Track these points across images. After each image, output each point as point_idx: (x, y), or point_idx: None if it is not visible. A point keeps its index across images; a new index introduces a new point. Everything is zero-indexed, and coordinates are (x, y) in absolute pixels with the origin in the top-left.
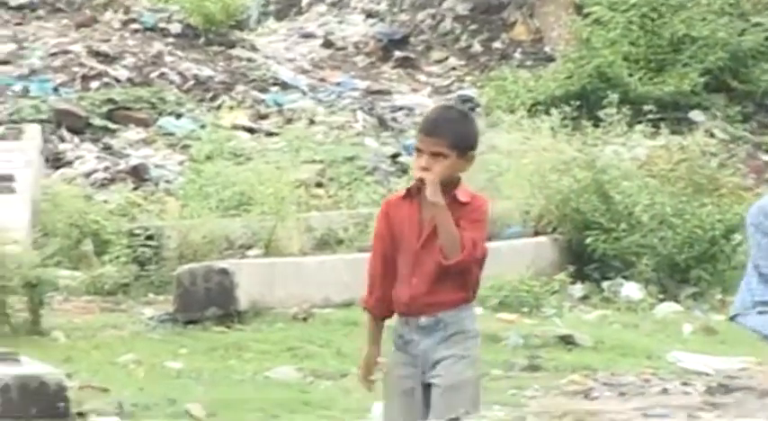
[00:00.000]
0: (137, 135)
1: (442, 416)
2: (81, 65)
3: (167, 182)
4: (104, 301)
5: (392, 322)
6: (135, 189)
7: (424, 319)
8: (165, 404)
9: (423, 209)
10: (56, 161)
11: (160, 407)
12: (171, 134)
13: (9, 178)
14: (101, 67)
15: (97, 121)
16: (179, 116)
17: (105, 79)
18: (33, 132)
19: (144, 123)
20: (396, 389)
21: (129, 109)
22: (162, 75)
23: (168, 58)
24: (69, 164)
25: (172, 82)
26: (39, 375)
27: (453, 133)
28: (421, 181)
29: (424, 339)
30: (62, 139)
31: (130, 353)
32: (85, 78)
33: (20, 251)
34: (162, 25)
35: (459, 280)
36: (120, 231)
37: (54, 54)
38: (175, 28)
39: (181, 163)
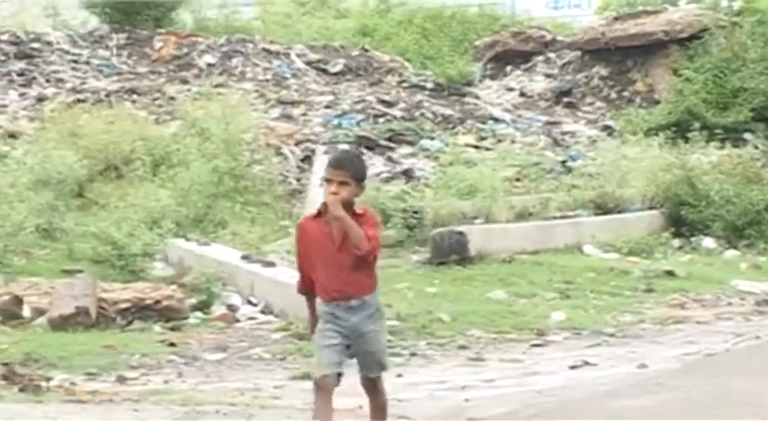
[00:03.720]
0: (407, 151)
1: (377, 370)
2: (372, 108)
3: (425, 179)
4: (388, 252)
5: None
6: (406, 183)
7: (354, 302)
8: (425, 313)
9: (331, 224)
10: None
11: (422, 315)
12: (427, 150)
13: None
14: (384, 109)
15: (382, 143)
16: (432, 139)
17: (387, 117)
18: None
19: (411, 143)
20: (324, 343)
21: (402, 135)
22: (422, 114)
23: (425, 104)
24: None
25: (428, 118)
26: None
27: (354, 168)
28: (325, 205)
29: (352, 316)
30: (362, 154)
31: (404, 283)
32: (375, 116)
33: None
34: (421, 83)
35: (367, 270)
36: (397, 209)
37: (356, 102)
38: (429, 84)
39: (433, 167)
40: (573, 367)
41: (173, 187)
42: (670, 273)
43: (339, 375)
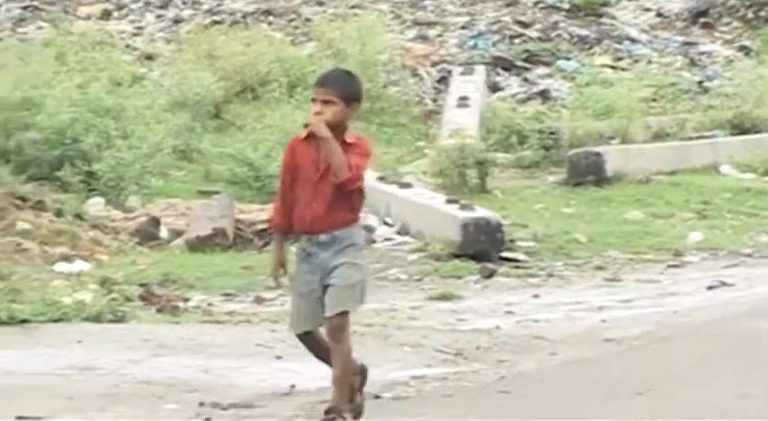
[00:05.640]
0: (543, 71)
1: (337, 307)
2: (508, 29)
3: (562, 99)
4: (524, 172)
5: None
6: (542, 104)
7: (323, 236)
8: (562, 234)
9: (319, 149)
10: (494, 88)
11: (558, 236)
12: (563, 70)
13: (466, 98)
14: (520, 30)
15: (519, 63)
16: (569, 59)
17: (523, 37)
18: (480, 70)
19: (547, 64)
20: (299, 291)
21: (537, 55)
22: (558, 34)
23: (561, 24)
24: (501, 89)
25: (564, 38)
26: (486, 217)
27: (340, 86)
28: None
29: (322, 252)
30: (497, 74)
31: (541, 203)
32: (512, 37)
33: (473, 142)
34: (557, 4)
35: (347, 204)
36: (534, 129)
37: (492, 23)
38: (566, 5)
39: (570, 88)
40: (710, 287)
41: (309, 108)
42: None
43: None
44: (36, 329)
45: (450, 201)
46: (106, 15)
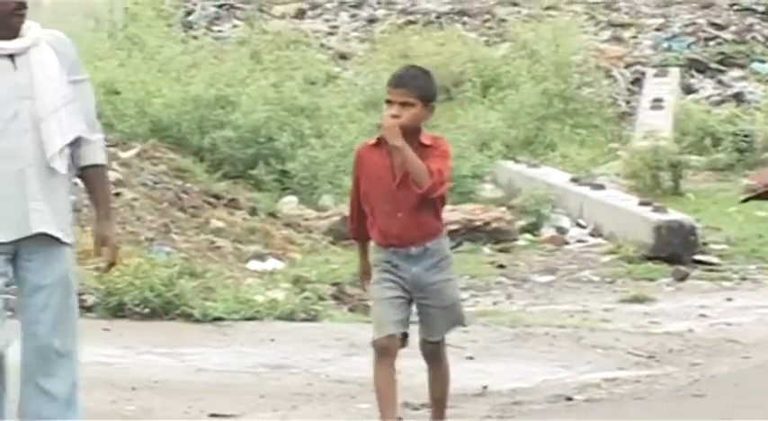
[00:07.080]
0: (737, 74)
1: (444, 329)
2: (703, 31)
3: (756, 102)
4: (718, 175)
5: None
6: (736, 106)
7: (414, 249)
8: (755, 237)
9: (392, 155)
10: (687, 90)
11: (752, 239)
12: (758, 73)
13: (660, 100)
14: (715, 32)
15: (713, 65)
16: (763, 62)
17: (718, 39)
18: (674, 72)
19: (741, 66)
20: (382, 296)
21: (732, 58)
22: (753, 37)
23: (756, 27)
24: (695, 92)
25: (759, 41)
26: (679, 219)
27: (418, 86)
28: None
29: (413, 266)
30: (691, 76)
31: (734, 206)
32: (706, 39)
33: (667, 144)
34: (753, 6)
35: (433, 211)
36: (727, 132)
37: (687, 25)
38: (761, 8)
39: (764, 90)
40: None
41: (502, 109)
42: None
43: (404, 336)
44: (229, 327)
45: (643, 204)
46: (301, 14)
